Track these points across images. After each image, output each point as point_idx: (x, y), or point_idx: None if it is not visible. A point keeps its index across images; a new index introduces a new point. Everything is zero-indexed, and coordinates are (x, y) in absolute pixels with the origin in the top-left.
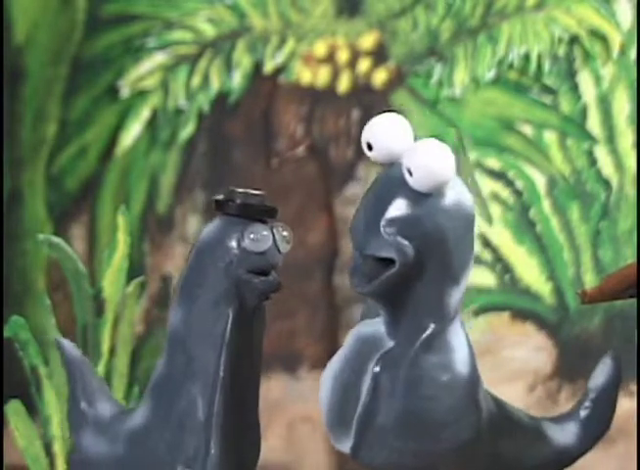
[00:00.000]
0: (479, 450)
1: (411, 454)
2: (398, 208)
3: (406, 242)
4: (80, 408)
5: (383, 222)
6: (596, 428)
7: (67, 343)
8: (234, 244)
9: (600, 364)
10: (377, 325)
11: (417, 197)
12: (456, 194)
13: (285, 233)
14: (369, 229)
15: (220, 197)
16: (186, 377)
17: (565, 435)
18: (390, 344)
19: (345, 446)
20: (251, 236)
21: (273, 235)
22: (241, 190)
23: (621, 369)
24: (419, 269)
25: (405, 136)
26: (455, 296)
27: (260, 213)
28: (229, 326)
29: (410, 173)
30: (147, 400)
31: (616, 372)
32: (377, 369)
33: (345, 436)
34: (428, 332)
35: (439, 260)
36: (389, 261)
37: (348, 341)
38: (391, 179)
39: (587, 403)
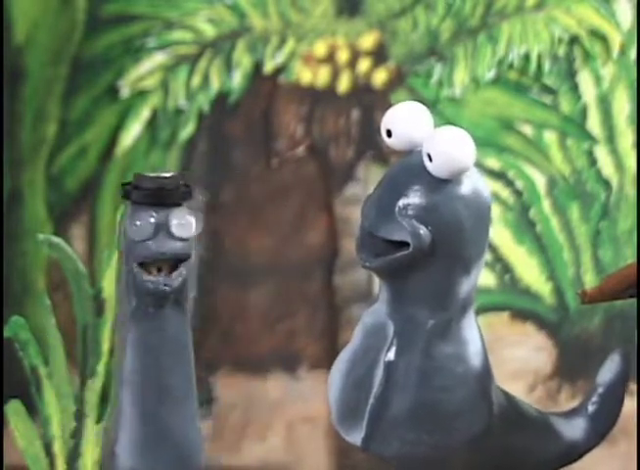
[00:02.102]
0: (489, 442)
1: (424, 445)
2: (416, 193)
3: (422, 227)
4: None
5: (399, 206)
6: (604, 424)
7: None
8: (124, 233)
9: (608, 361)
10: (378, 313)
11: (435, 183)
12: (473, 183)
13: (188, 217)
14: (384, 212)
15: (128, 182)
16: (115, 374)
17: (573, 430)
18: (395, 329)
19: (356, 438)
20: (136, 223)
21: (167, 220)
22: (151, 174)
23: (629, 367)
24: (431, 255)
25: (425, 124)
26: (465, 286)
27: (156, 197)
28: (129, 323)
29: (430, 159)
30: None
31: (623, 368)
32: (389, 358)
33: (356, 427)
34: (440, 320)
35: (453, 248)
36: (401, 244)
37: (356, 334)
38: (410, 165)
39: (595, 399)
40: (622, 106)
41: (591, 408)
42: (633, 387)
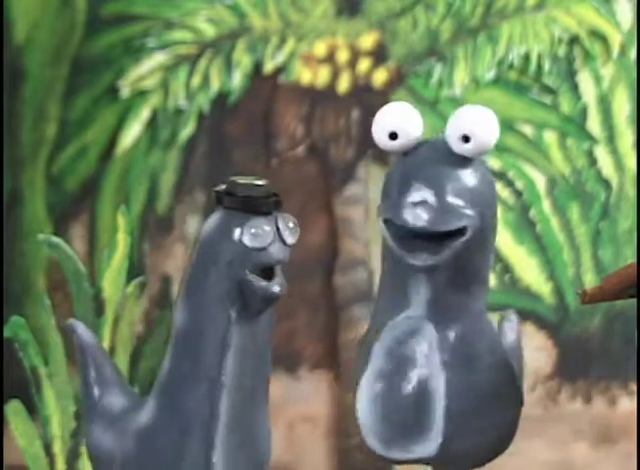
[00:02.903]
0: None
1: (495, 430)
2: (456, 178)
3: (472, 209)
4: (93, 398)
5: (449, 196)
6: None
7: (80, 327)
8: (234, 240)
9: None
10: (405, 323)
11: (464, 165)
12: (483, 161)
13: (291, 224)
14: (434, 207)
15: (220, 188)
16: (190, 378)
17: None
18: (439, 327)
19: (424, 450)
20: (252, 231)
21: (277, 228)
22: (242, 180)
23: None
24: (479, 236)
25: (420, 121)
26: (490, 268)
27: (262, 206)
28: (232, 328)
29: (467, 140)
30: (154, 397)
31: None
32: (444, 357)
33: (420, 440)
34: (479, 304)
35: (489, 228)
36: (448, 235)
37: (375, 355)
38: (434, 155)
39: None
40: (622, 106)
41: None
42: (633, 387)
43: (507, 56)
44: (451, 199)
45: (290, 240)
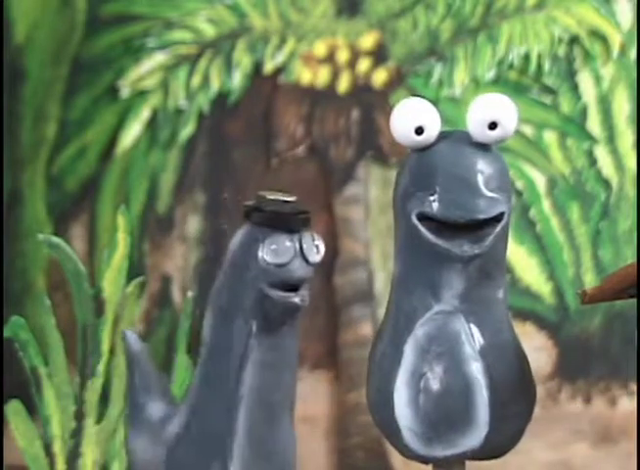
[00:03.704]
0: None
1: (527, 415)
2: (485, 166)
3: (504, 196)
4: (137, 405)
5: (482, 184)
6: None
7: (131, 335)
8: (256, 256)
9: None
10: (434, 320)
11: (486, 153)
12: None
13: (315, 242)
14: (471, 195)
15: (250, 203)
16: (213, 391)
17: None
18: (470, 318)
19: (471, 442)
20: (272, 247)
21: (301, 245)
22: (271, 196)
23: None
24: (506, 225)
25: (439, 115)
26: None
27: (289, 223)
28: (251, 341)
29: (493, 126)
30: (183, 406)
31: None
32: (479, 344)
33: (465, 433)
34: (505, 291)
35: (510, 210)
36: (489, 221)
37: (407, 357)
38: (458, 146)
39: None
40: (622, 106)
41: None
42: (633, 387)
43: (507, 56)
44: (487, 186)
45: (313, 258)
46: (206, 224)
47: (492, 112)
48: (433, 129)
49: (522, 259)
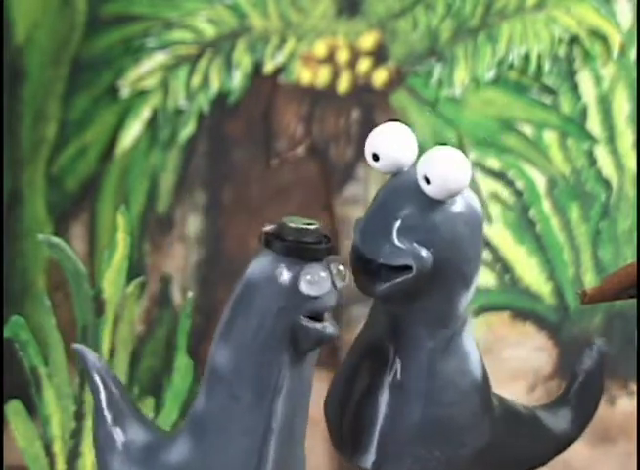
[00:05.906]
0: (493, 451)
1: (435, 461)
2: (413, 215)
3: (424, 249)
4: (108, 429)
5: (398, 230)
6: (585, 414)
7: (88, 352)
8: (289, 287)
9: (586, 349)
10: (374, 333)
11: (431, 204)
12: (467, 199)
13: (341, 268)
14: (382, 237)
15: (269, 229)
16: (231, 419)
17: (558, 422)
18: (396, 350)
19: (364, 461)
20: (308, 278)
21: (330, 275)
22: (293, 225)
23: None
24: (433, 276)
25: (411, 145)
26: (464, 302)
27: (315, 253)
28: (283, 371)
29: (427, 181)
30: (186, 435)
31: (602, 357)
32: (394, 380)
33: (362, 451)
34: (442, 338)
35: (453, 267)
36: (401, 268)
37: (350, 355)
38: (402, 187)
39: (577, 389)
40: (622, 106)
41: (574, 399)
42: (633, 387)
43: (507, 56)
44: (401, 235)
45: (339, 284)
46: (207, 224)
47: (428, 166)
48: (388, 158)
49: (522, 259)
